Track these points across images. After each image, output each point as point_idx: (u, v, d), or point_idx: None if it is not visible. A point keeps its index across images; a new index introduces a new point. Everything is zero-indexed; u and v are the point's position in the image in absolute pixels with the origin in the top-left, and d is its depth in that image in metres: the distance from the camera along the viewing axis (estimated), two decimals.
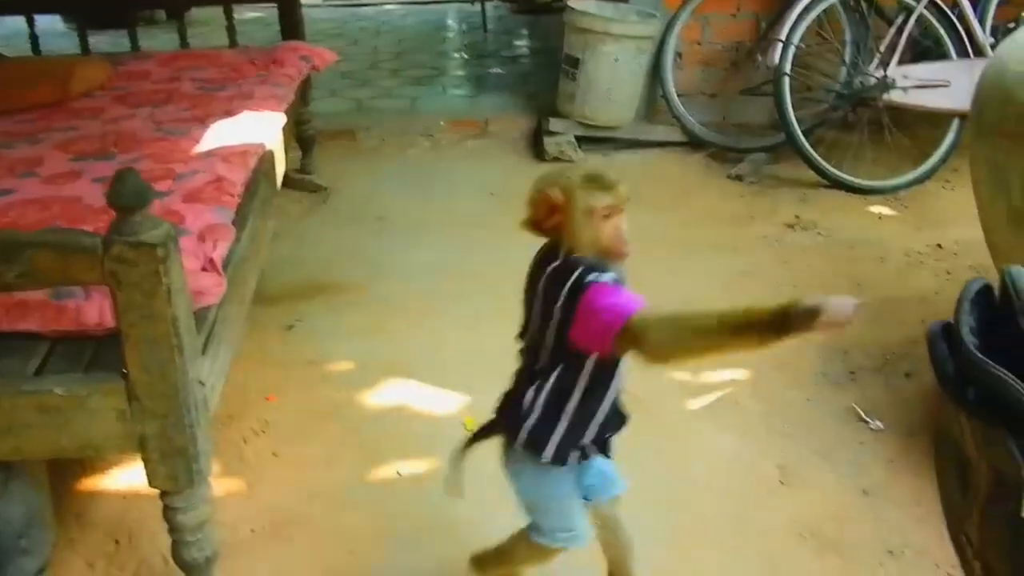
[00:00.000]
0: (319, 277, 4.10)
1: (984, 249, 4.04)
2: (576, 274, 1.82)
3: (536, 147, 5.51)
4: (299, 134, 4.87)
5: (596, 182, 1.85)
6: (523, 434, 2.03)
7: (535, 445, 2.01)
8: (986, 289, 1.49)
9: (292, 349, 3.54)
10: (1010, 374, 1.27)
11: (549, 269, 1.91)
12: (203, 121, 3.39)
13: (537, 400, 2.00)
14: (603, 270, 1.84)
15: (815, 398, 3.19)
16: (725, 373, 3.35)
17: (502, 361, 3.56)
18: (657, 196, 4.92)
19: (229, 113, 3.48)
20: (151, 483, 2.08)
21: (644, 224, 4.55)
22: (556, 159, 5.36)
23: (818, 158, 4.89)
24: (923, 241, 4.34)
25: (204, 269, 2.32)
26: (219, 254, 2.40)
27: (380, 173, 5.25)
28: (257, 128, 3.34)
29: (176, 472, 2.04)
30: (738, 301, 3.75)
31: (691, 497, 2.76)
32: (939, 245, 4.27)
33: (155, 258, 1.84)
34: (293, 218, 4.67)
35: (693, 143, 5.46)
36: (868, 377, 3.31)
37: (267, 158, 3.28)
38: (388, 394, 3.26)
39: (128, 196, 1.84)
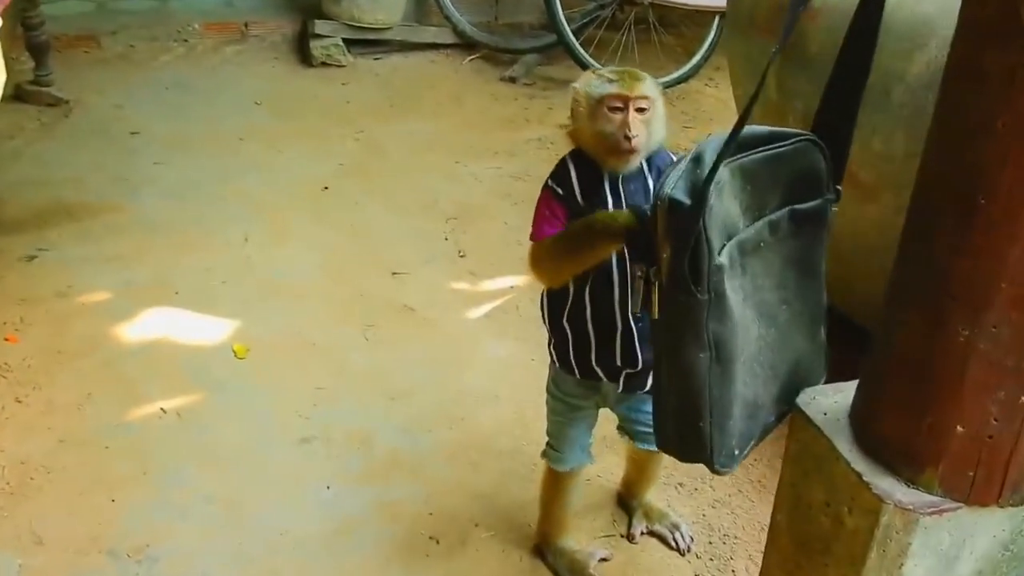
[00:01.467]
0: (67, 200, 3.71)
1: None
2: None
3: (302, 51, 5.21)
4: (29, 41, 4.34)
5: (614, 73, 1.76)
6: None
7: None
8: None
9: (36, 282, 3.20)
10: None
11: None
12: None
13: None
14: (559, 175, 1.82)
15: None
16: (504, 280, 3.32)
17: (273, 282, 3.41)
18: (430, 101, 4.79)
19: None
20: None
21: (418, 130, 4.47)
22: (324, 64, 5.10)
23: (588, 58, 4.89)
24: (690, 138, 4.45)
25: None
26: None
27: (130, 83, 4.80)
28: None
29: None
30: (514, 205, 3.77)
31: (469, 409, 2.72)
32: None
33: None
34: (31, 135, 4.19)
35: (465, 44, 5.33)
36: None
37: None
38: (149, 325, 3.02)
39: None
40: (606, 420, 2.15)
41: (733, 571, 2.23)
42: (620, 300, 1.82)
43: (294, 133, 4.36)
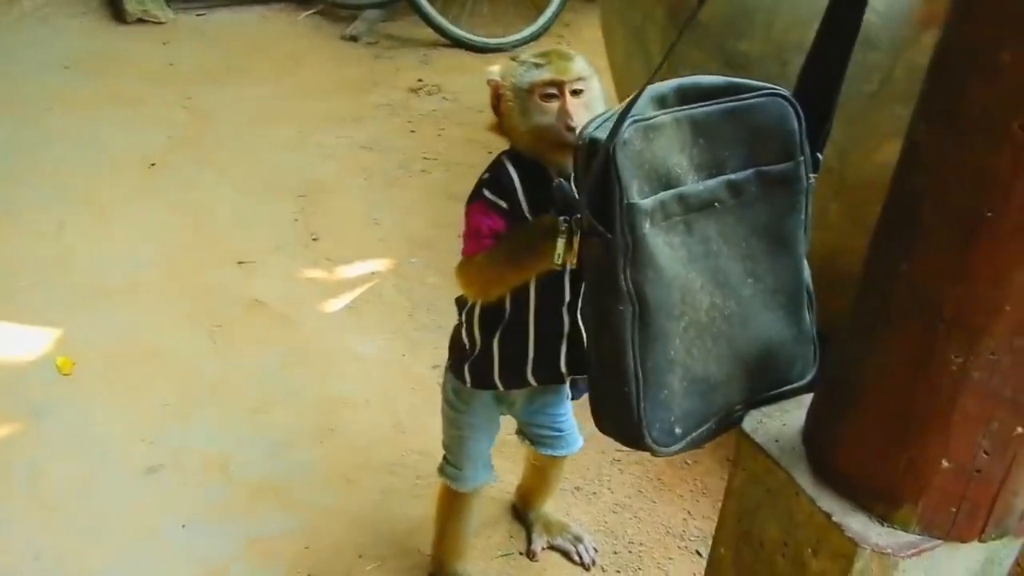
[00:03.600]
0: None
1: (606, 106, 4.05)
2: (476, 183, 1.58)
3: (115, 6, 4.66)
4: None
5: (539, 56, 1.51)
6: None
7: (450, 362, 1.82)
8: None
9: None
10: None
11: None
12: None
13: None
14: (499, 183, 1.54)
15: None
16: (364, 265, 3.03)
17: (98, 279, 2.98)
18: (266, 63, 4.37)
19: None
20: None
21: (254, 95, 4.06)
22: (141, 20, 4.59)
23: (436, 15, 4.59)
24: None
25: None
26: None
27: None
28: None
29: None
30: (368, 180, 3.47)
31: (338, 418, 2.45)
32: None
33: None
34: None
35: (299, 0, 4.92)
36: None
37: None
38: None
39: None
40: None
41: None
42: (570, 304, 1.61)
43: (111, 100, 3.88)
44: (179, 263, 2.96)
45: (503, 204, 1.53)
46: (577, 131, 1.37)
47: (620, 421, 1.26)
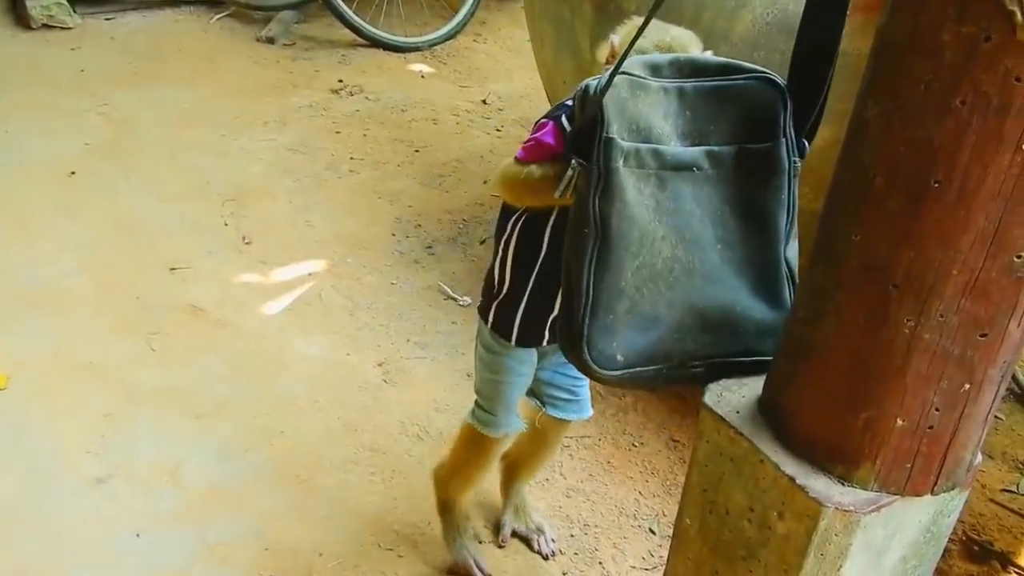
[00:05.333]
0: None
1: (528, 103, 4.10)
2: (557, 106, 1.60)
3: (17, 11, 4.52)
4: None
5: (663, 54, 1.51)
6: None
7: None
8: None
9: None
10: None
11: None
12: None
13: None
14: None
15: (399, 280, 2.99)
16: (300, 267, 3.02)
17: (26, 292, 2.89)
18: (181, 66, 4.29)
19: None
20: None
21: (171, 100, 3.99)
22: (47, 26, 4.45)
23: (351, 14, 4.57)
24: (468, 98, 4.27)
25: None
26: None
27: None
28: None
29: None
30: (296, 182, 3.45)
31: (287, 420, 2.44)
32: (484, 101, 4.23)
33: None
34: None
35: (210, 2, 4.83)
36: (445, 249, 3.17)
37: None
38: None
39: None
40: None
41: (600, 563, 2.13)
42: None
43: (22, 108, 3.76)
44: (109, 271, 2.89)
45: None
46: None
47: (566, 332, 1.35)
